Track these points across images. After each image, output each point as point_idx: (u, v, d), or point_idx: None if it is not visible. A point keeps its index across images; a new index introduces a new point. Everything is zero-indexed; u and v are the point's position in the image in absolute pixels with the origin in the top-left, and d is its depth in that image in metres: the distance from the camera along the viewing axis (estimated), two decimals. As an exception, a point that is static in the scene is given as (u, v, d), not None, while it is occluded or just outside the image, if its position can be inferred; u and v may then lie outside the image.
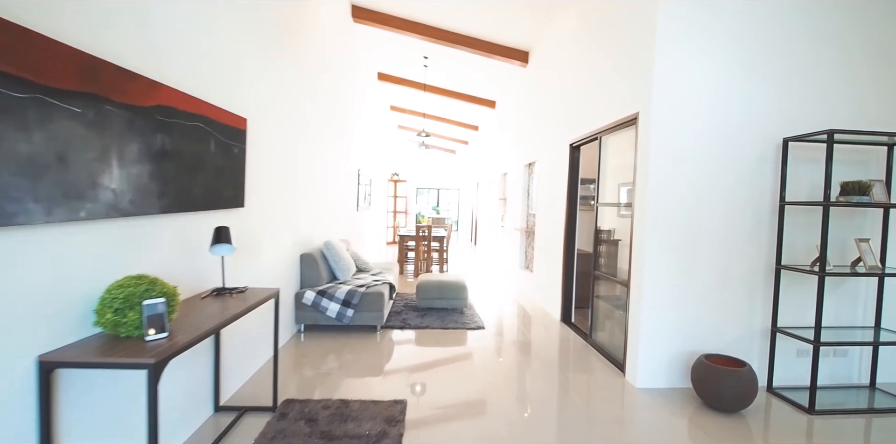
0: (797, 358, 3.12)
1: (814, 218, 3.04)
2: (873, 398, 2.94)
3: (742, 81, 2.97)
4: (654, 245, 2.99)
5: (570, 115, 4.55)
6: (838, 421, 2.64)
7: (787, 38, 2.98)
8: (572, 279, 4.65)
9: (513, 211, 7.34)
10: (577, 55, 4.38)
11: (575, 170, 4.55)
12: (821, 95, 3.02)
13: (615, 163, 3.73)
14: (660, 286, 3.01)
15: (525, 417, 2.63)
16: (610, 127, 3.56)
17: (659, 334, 3.03)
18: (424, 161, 14.68)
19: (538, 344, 3.99)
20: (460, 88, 8.36)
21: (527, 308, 5.31)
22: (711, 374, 2.70)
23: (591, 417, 2.64)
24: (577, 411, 2.71)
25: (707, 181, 2.99)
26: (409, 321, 4.38)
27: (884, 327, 3.09)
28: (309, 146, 4.15)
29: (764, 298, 3.08)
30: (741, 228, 3.03)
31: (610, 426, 2.52)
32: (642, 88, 3.05)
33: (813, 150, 3.01)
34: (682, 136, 2.96)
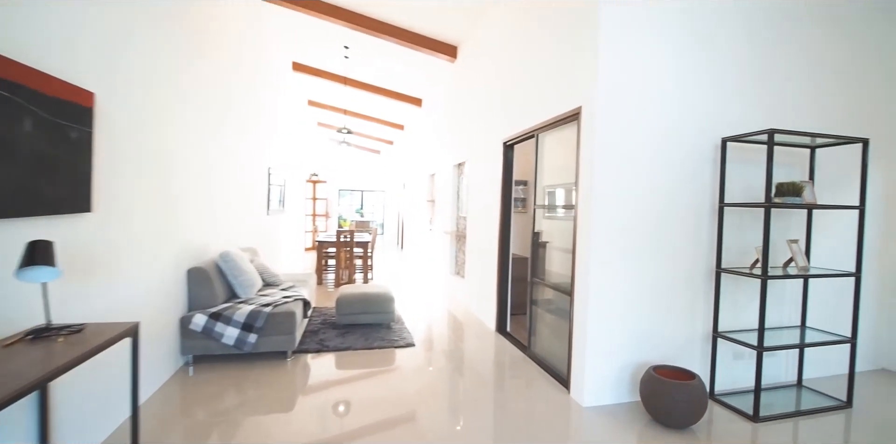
0: (734, 361, 3.07)
1: (746, 219, 3.01)
2: (805, 397, 2.94)
3: (683, 79, 2.84)
4: (601, 249, 2.75)
5: (503, 111, 4.27)
6: (782, 427, 2.57)
7: (727, 39, 2.91)
8: (507, 286, 4.36)
9: (442, 214, 6.98)
10: (513, 49, 4.11)
11: (509, 170, 4.28)
12: (756, 98, 3.00)
13: (554, 162, 3.49)
14: (606, 294, 2.78)
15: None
16: (548, 123, 3.30)
17: (606, 345, 2.80)
18: (347, 161, 13.88)
19: (474, 361, 3.62)
20: (385, 83, 7.85)
21: (459, 318, 4.95)
22: (662, 388, 2.50)
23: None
24: (520, 438, 2.36)
25: (651, 182, 2.82)
26: (327, 342, 3.78)
27: (808, 326, 3.14)
28: (201, 138, 3.41)
29: (705, 302, 2.98)
30: (684, 230, 2.90)
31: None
32: (586, 81, 2.80)
33: (745, 150, 2.97)
34: (627, 133, 2.76)
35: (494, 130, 4.50)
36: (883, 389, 3.13)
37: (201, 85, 3.43)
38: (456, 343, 4.06)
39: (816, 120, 3.14)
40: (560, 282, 3.33)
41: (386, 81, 7.73)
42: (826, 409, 2.78)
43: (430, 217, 8.29)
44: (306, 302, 3.78)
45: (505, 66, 4.27)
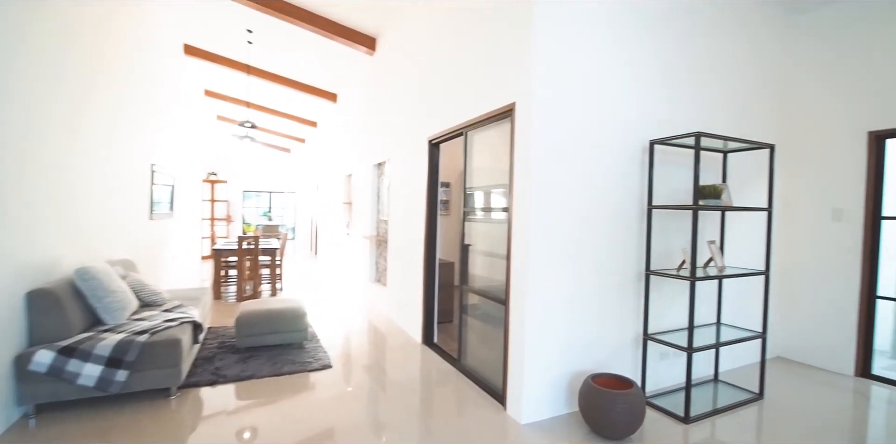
0: (659, 361, 3.10)
1: (667, 221, 3.05)
2: (723, 392, 3.05)
3: (613, 82, 2.79)
4: (538, 254, 2.58)
5: (429, 108, 4.00)
6: (710, 425, 2.60)
7: (654, 45, 2.93)
8: (434, 294, 4.08)
9: (361, 217, 6.52)
10: (439, 42, 3.85)
11: (435, 170, 4.01)
12: (679, 103, 3.07)
13: (485, 162, 3.28)
14: (544, 301, 2.62)
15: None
16: (479, 121, 3.09)
17: (544, 356, 2.64)
18: (253, 160, 12.67)
19: (399, 379, 3.27)
20: (295, 75, 7.17)
21: (382, 330, 4.57)
22: (602, 400, 2.39)
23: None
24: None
25: (585, 183, 2.72)
26: (224, 371, 3.18)
27: (723, 323, 3.29)
28: (49, 122, 2.66)
29: (635, 305, 2.96)
30: (615, 233, 2.85)
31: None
32: (520, 76, 2.62)
33: (667, 153, 3.01)
34: (563, 132, 2.63)
35: (419, 127, 4.21)
36: (784, 377, 3.37)
37: (51, 68, 2.68)
38: (379, 360, 3.68)
39: (726, 127, 3.31)
40: (492, 289, 3.13)
41: (296, 72, 7.08)
42: (743, 402, 2.89)
43: (347, 221, 7.76)
44: (197, 325, 3.14)
45: (430, 60, 4.01)
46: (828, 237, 3.52)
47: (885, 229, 3.30)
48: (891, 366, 3.45)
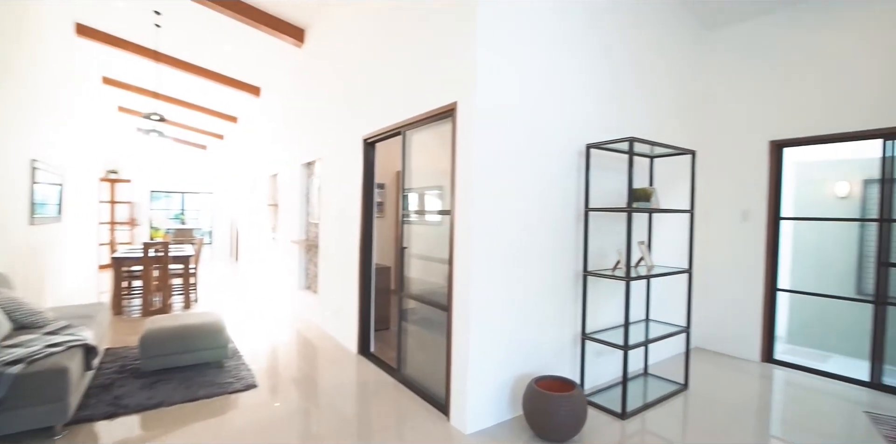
0: (594, 359, 3.18)
1: (600, 223, 3.14)
2: (652, 385, 3.20)
3: (554, 85, 2.82)
4: (482, 258, 2.52)
5: (365, 105, 3.80)
6: (645, 419, 2.69)
7: (591, 52, 3.01)
8: (370, 301, 3.89)
9: (288, 220, 6.10)
10: (376, 36, 3.67)
11: (370, 170, 3.82)
12: (612, 110, 3.18)
13: (425, 162, 3.17)
14: (488, 305, 2.56)
15: None
16: (418, 120, 2.97)
17: (488, 362, 2.57)
18: (162, 157, 11.45)
19: (333, 393, 3.04)
20: (213, 65, 6.56)
21: (313, 341, 4.27)
22: (546, 403, 2.37)
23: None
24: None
25: (526, 185, 2.71)
26: (125, 400, 2.74)
27: (651, 319, 3.46)
28: None
29: (573, 305, 3.01)
30: (554, 235, 2.87)
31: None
32: (463, 74, 2.54)
33: (600, 157, 3.11)
34: (505, 134, 2.59)
35: (353, 125, 3.99)
36: (703, 366, 3.62)
37: None
38: (311, 374, 3.41)
39: (653, 134, 3.49)
40: (433, 293, 3.01)
41: (214, 62, 6.47)
42: (672, 394, 3.05)
43: (273, 224, 7.24)
44: (90, 348, 2.67)
45: (366, 55, 3.81)
46: (738, 236, 3.86)
47: (784, 228, 3.68)
48: (787, 350, 3.85)
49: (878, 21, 3.14)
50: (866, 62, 3.19)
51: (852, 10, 3.25)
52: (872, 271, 3.24)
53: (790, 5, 3.52)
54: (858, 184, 3.83)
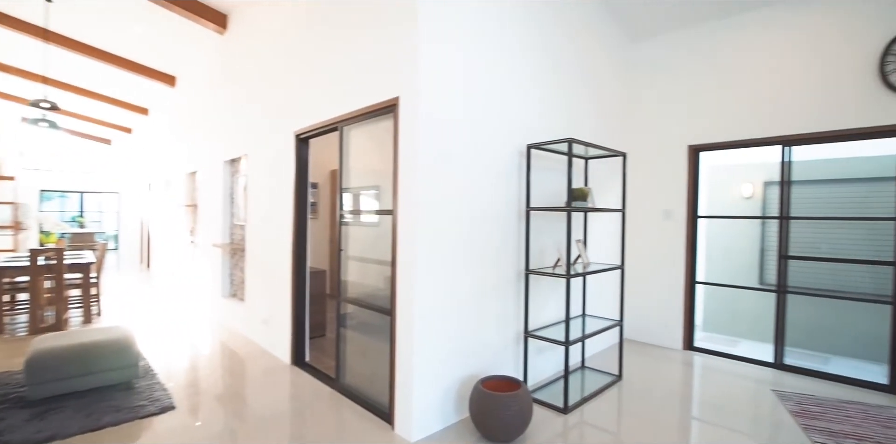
0: (536, 356, 3.23)
1: (539, 223, 3.19)
2: (590, 378, 3.31)
3: (496, 85, 2.82)
4: (426, 259, 2.44)
5: (297, 98, 3.56)
6: (586, 412, 2.76)
7: (534, 55, 3.04)
8: (304, 308, 3.65)
9: (209, 222, 5.59)
10: (310, 25, 3.45)
11: (304, 168, 3.59)
12: (550, 112, 3.24)
13: (364, 160, 3.02)
14: (432, 307, 2.48)
15: None
16: (358, 115, 2.82)
17: (434, 366, 2.50)
18: (56, 152, 10.05)
19: (266, 409, 2.80)
20: (119, 49, 5.84)
21: (241, 353, 3.92)
22: (493, 404, 2.34)
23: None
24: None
25: (469, 184, 2.67)
26: (7, 436, 2.30)
27: (587, 314, 3.59)
28: None
29: (515, 304, 3.03)
30: (497, 234, 2.87)
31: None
32: (406, 68, 2.45)
33: (539, 158, 3.16)
34: (448, 132, 2.54)
35: (284, 119, 3.73)
36: (633, 357, 3.81)
37: None
38: (238, 390, 3.11)
39: (587, 137, 3.63)
40: (373, 297, 2.88)
41: (121, 46, 5.77)
42: (608, 385, 3.18)
43: (190, 227, 6.62)
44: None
45: (299, 45, 3.57)
46: (661, 234, 4.14)
47: (700, 226, 4.00)
48: (704, 338, 4.18)
49: (777, 42, 3.51)
50: (768, 77, 3.55)
51: (755, 32, 3.61)
52: (774, 263, 3.61)
53: (702, 22, 3.84)
54: (760, 186, 4.27)
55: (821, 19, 3.30)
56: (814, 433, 2.48)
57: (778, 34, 3.50)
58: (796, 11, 3.41)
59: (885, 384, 3.08)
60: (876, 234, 3.28)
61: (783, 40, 3.48)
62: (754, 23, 3.61)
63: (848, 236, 3.53)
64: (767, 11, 3.54)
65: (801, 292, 3.50)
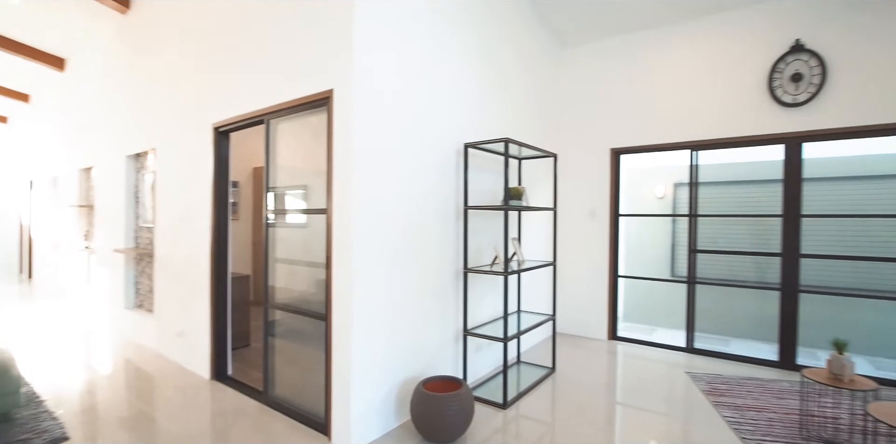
0: (474, 353, 3.25)
1: (475, 221, 3.21)
2: (526, 372, 3.39)
3: (435, 83, 2.80)
4: (363, 260, 2.34)
5: (216, 87, 3.25)
6: (523, 405, 2.82)
7: (470, 54, 3.04)
8: (226, 316, 3.35)
9: (109, 225, 4.95)
10: (233, 9, 3.16)
11: (224, 164, 3.30)
12: (487, 112, 3.28)
13: (294, 157, 2.83)
14: (370, 310, 2.39)
15: None
16: (287, 107, 2.64)
17: (372, 371, 2.40)
18: None
19: (182, 432, 2.51)
20: (-15, 22, 4.98)
21: (150, 370, 3.50)
22: (435, 405, 2.31)
23: None
24: None
25: (407, 183, 2.61)
26: None
27: (523, 310, 3.68)
28: None
29: (454, 303, 3.02)
30: (435, 233, 2.84)
31: None
32: (341, 59, 2.33)
33: (475, 157, 3.19)
34: (385, 128, 2.46)
35: (200, 110, 3.40)
36: (564, 349, 3.98)
37: None
38: (148, 412, 2.77)
39: (521, 138, 3.73)
40: (306, 302, 2.71)
41: (-12, 18, 4.92)
42: (543, 378, 3.28)
43: (85, 230, 5.82)
44: None
45: (219, 28, 3.26)
46: (588, 231, 4.38)
47: (622, 223, 4.29)
48: (625, 328, 4.49)
49: (688, 57, 3.86)
50: (680, 88, 3.89)
51: (669, 47, 3.94)
52: (684, 256, 3.97)
53: (623, 34, 4.13)
54: (671, 187, 4.69)
55: (723, 39, 3.69)
56: (722, 409, 2.75)
57: (689, 50, 3.85)
58: (705, 31, 3.77)
59: (776, 361, 3.52)
60: (766, 229, 3.73)
61: (693, 56, 3.83)
62: (669, 39, 3.94)
63: (743, 231, 3.98)
64: (680, 30, 3.88)
65: (707, 283, 3.89)
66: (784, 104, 3.38)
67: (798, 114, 3.36)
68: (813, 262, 3.48)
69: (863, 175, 3.63)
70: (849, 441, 2.31)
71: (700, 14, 3.73)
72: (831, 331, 3.37)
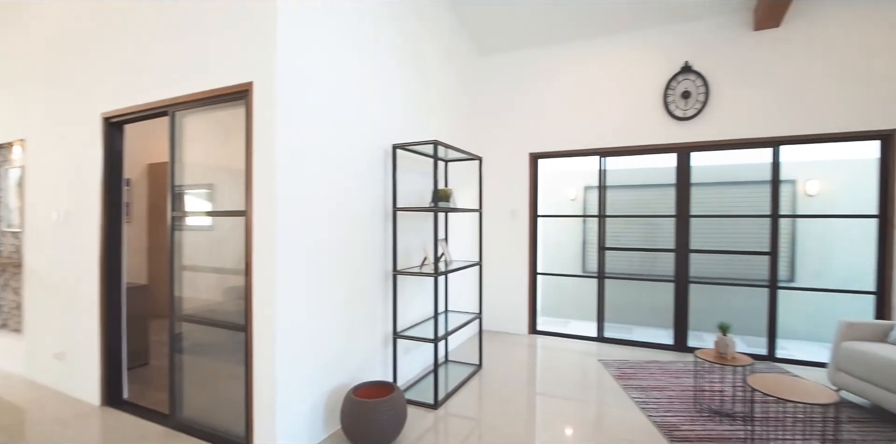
0: (403, 356, 3.22)
1: (402, 222, 3.19)
2: (454, 370, 3.43)
3: (363, 82, 2.74)
4: (287, 265, 2.20)
5: (106, 71, 2.83)
6: (455, 404, 2.86)
7: (398, 56, 3.00)
8: (120, 332, 2.96)
9: (-43, 230, 4.09)
10: (113, -20, 2.78)
11: (116, 159, 2.91)
12: (414, 115, 3.26)
13: (206, 153, 2.58)
14: (296, 319, 2.26)
15: None
16: (198, 98, 2.39)
17: (298, 381, 2.27)
18: None
19: (74, 470, 2.17)
20: None
21: (19, 400, 2.96)
22: (366, 412, 2.26)
23: None
24: None
25: (333, 183, 2.52)
26: None
27: (450, 310, 3.73)
28: None
29: (383, 306, 2.97)
30: (363, 235, 2.77)
31: None
32: (262, 49, 2.16)
33: (402, 159, 3.17)
34: (311, 126, 2.34)
35: (87, 97, 2.95)
36: (489, 345, 4.11)
37: None
38: (22, 451, 2.34)
39: (448, 140, 3.77)
40: (220, 312, 2.48)
41: None
42: (471, 375, 3.35)
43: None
44: None
45: (112, 8, 2.85)
46: (509, 231, 4.56)
47: (540, 224, 4.54)
48: (543, 321, 4.76)
49: (597, 70, 4.19)
50: (590, 99, 4.20)
51: (582, 60, 4.24)
52: (593, 253, 4.32)
53: (540, 46, 4.36)
54: (582, 189, 5.07)
55: (627, 57, 4.05)
56: (631, 391, 3.03)
57: (598, 66, 4.18)
58: (612, 49, 4.10)
59: (671, 344, 3.97)
60: (663, 228, 4.18)
61: (601, 71, 4.16)
62: (581, 54, 4.24)
63: (645, 230, 4.44)
64: (590, 46, 4.18)
65: (614, 277, 4.26)
66: (676, 118, 3.82)
67: (687, 127, 3.82)
68: (699, 256, 3.97)
69: (735, 181, 4.24)
70: (732, 409, 2.68)
71: (607, 33, 4.07)
72: (713, 316, 3.89)
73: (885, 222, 3.35)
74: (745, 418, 2.56)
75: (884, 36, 3.26)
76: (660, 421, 2.58)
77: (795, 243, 4.45)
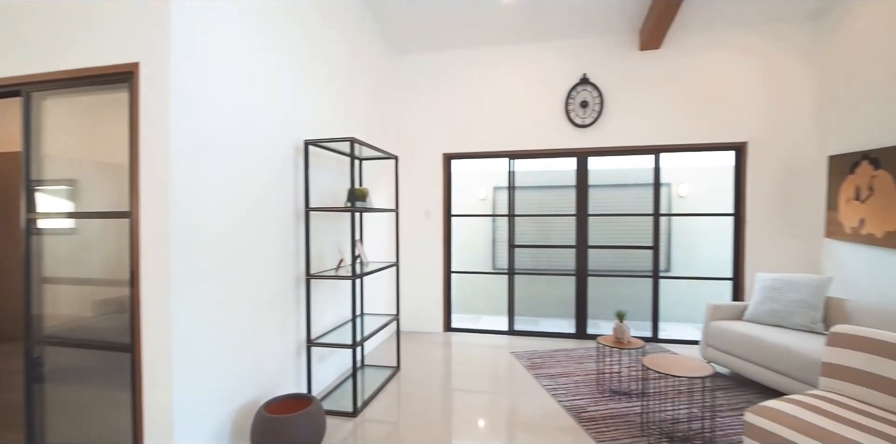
0: (318, 364, 3.07)
1: (315, 223, 3.03)
2: (371, 374, 3.34)
3: (272, 69, 2.53)
4: (182, 273, 1.95)
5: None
6: (374, 411, 2.78)
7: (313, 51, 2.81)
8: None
9: None
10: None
11: (-56, 149, 2.32)
12: (335, 113, 3.10)
13: (76, 143, 2.17)
14: (194, 336, 2.01)
15: None
16: (61, 78, 2.00)
17: (197, 404, 2.03)
18: None
19: None
20: None
21: None
22: (283, 427, 2.10)
23: None
24: None
25: (236, 181, 2.29)
26: None
27: (366, 313, 3.62)
28: None
29: (295, 312, 2.79)
30: (271, 237, 2.57)
31: None
32: (150, 27, 1.88)
33: (317, 157, 3.01)
34: (212, 117, 2.10)
35: None
36: (408, 347, 4.06)
37: None
38: None
39: (363, 138, 3.65)
40: (94, 330, 2.12)
41: None
42: (389, 378, 3.29)
43: None
44: None
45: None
46: (424, 231, 4.57)
47: (454, 223, 4.62)
48: (457, 319, 4.85)
49: (508, 75, 4.36)
50: (500, 103, 4.37)
51: (493, 65, 4.38)
52: (503, 251, 4.51)
53: (453, 49, 4.42)
54: (492, 190, 5.26)
55: (536, 65, 4.27)
56: (542, 379, 3.22)
57: (509, 71, 4.35)
58: (523, 57, 4.28)
59: (574, 333, 4.31)
60: (565, 226, 4.51)
61: (512, 77, 4.33)
62: (494, 59, 4.35)
63: (548, 228, 4.75)
64: (504, 52, 4.32)
65: (523, 273, 4.51)
66: (576, 125, 4.15)
67: (585, 133, 4.17)
68: (595, 251, 4.36)
69: (625, 184, 4.75)
70: (629, 388, 2.99)
71: (519, 41, 4.26)
72: (607, 305, 4.31)
73: (738, 220, 3.99)
74: (640, 394, 2.88)
75: (738, 60, 3.87)
76: (569, 405, 2.78)
77: (671, 238, 5.12)
